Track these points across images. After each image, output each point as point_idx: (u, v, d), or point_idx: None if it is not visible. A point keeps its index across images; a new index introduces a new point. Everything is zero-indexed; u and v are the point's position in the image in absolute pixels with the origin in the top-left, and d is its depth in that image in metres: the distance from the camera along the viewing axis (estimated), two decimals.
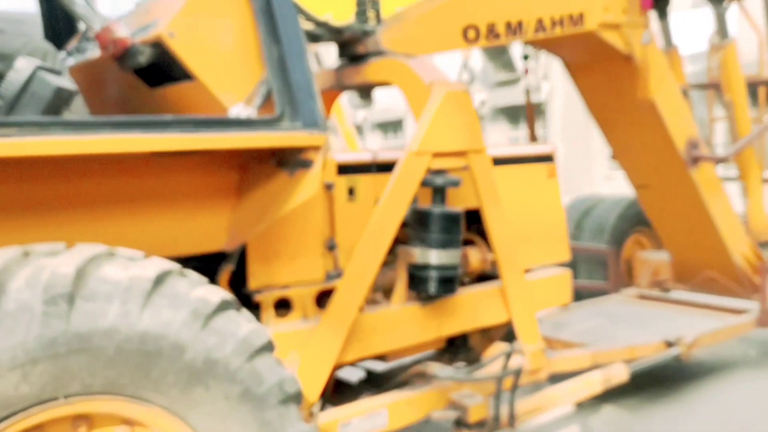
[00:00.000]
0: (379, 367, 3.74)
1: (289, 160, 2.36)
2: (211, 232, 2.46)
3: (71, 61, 2.90)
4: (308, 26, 3.38)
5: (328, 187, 3.07)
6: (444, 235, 3.16)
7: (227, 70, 2.31)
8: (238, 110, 2.24)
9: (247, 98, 2.29)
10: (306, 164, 2.27)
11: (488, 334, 3.82)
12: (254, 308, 2.89)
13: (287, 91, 2.23)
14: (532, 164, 3.91)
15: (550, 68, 16.79)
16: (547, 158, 3.99)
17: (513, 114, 19.36)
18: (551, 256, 4.02)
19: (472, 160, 3.27)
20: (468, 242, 3.70)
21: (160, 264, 1.96)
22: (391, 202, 3.04)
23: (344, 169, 3.16)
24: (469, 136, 3.25)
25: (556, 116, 17.54)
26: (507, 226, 3.43)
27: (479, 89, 19.26)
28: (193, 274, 2.03)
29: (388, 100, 14.48)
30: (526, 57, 5.19)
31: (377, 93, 3.91)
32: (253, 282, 2.86)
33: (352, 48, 3.51)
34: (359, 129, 21.91)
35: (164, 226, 2.35)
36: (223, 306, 1.99)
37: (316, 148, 2.27)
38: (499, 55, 17.16)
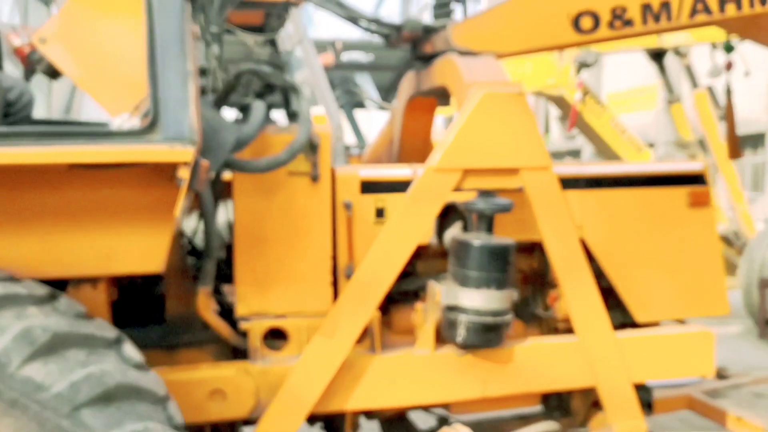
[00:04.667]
0: (464, 417, 3.19)
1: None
2: (152, 250, 2.26)
3: None
4: (365, 24, 3.04)
5: (346, 207, 2.68)
6: (482, 272, 2.57)
7: (111, 76, 2.10)
8: (120, 121, 2.01)
9: (135, 107, 2.05)
10: (180, 183, 1.95)
11: (590, 396, 3.03)
12: (243, 336, 2.65)
13: (154, 96, 1.94)
14: (665, 188, 2.99)
15: None
16: (693, 180, 3.03)
17: None
18: (700, 307, 3.06)
19: (527, 180, 2.61)
20: None
21: None
22: (397, 228, 2.56)
23: (371, 187, 2.73)
24: (523, 149, 2.60)
25: None
26: (579, 265, 2.68)
27: None
28: None
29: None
30: (728, 48, 4.08)
31: None
32: (241, 308, 2.61)
33: (421, 47, 3.06)
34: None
35: (93, 242, 2.21)
36: None
37: (185, 164, 1.94)
38: None
